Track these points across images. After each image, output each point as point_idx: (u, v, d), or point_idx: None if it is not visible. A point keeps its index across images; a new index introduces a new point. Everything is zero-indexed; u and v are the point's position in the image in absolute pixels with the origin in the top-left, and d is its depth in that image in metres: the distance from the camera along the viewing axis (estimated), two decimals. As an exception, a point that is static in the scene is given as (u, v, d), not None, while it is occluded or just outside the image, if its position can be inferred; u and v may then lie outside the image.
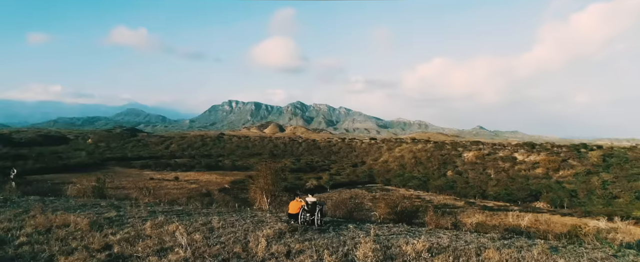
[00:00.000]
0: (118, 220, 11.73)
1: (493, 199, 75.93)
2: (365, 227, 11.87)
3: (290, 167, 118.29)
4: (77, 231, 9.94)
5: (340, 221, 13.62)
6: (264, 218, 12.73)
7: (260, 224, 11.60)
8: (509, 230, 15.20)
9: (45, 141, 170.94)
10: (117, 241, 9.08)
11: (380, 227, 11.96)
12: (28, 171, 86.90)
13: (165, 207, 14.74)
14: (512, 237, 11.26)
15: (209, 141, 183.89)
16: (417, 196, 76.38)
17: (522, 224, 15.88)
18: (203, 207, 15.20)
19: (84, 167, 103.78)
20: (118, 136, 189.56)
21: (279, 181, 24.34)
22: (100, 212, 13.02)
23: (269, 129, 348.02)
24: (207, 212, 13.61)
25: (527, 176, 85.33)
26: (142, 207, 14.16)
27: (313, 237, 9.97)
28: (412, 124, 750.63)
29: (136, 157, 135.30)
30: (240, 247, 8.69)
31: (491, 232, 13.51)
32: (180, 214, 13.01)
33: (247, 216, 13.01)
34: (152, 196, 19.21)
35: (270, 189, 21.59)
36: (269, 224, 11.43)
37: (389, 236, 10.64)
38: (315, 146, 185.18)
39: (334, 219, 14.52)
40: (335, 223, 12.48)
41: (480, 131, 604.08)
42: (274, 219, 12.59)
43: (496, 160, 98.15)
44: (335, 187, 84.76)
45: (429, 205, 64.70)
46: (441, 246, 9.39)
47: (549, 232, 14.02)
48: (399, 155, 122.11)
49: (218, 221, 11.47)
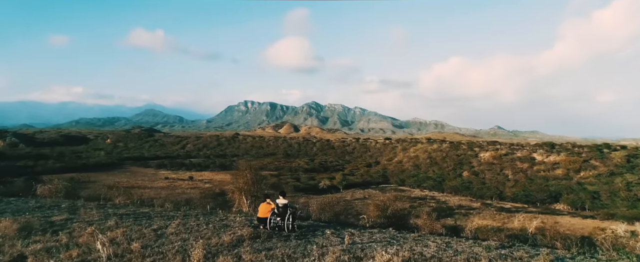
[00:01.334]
0: (62, 224, 10.92)
1: (511, 201, 73.93)
2: (344, 233, 10.88)
3: (304, 167, 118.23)
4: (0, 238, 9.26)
5: (321, 225, 12.65)
6: (231, 222, 11.81)
7: (223, 229, 10.66)
8: (514, 236, 13.84)
9: (67, 141, 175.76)
10: (36, 250, 8.36)
11: (361, 233, 11.01)
12: (48, 170, 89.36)
13: (130, 209, 13.91)
14: (513, 246, 10.18)
15: (224, 141, 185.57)
16: (431, 197, 75.09)
17: (530, 228, 14.34)
18: (173, 210, 14.39)
19: (103, 166, 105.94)
20: (136, 136, 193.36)
21: (260, 181, 22.83)
22: (49, 215, 12.30)
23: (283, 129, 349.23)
24: (172, 216, 12.80)
25: (546, 177, 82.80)
26: (95, 211, 13.23)
27: (275, 245, 9.01)
28: (428, 124, 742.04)
29: (153, 156, 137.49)
30: (179, 259, 7.91)
31: (492, 238, 12.45)
32: (139, 218, 12.16)
33: (214, 220, 12.14)
34: (124, 196, 18.03)
35: (249, 190, 20.29)
36: (232, 230, 10.49)
37: (367, 243, 9.67)
38: (330, 145, 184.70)
39: (316, 223, 13.54)
40: (313, 228, 11.53)
41: (499, 131, 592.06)
42: (242, 223, 11.63)
43: (514, 160, 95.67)
44: (348, 188, 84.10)
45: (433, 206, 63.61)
46: (424, 257, 8.44)
47: (560, 238, 12.70)
48: (413, 155, 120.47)
49: (176, 225, 10.72)
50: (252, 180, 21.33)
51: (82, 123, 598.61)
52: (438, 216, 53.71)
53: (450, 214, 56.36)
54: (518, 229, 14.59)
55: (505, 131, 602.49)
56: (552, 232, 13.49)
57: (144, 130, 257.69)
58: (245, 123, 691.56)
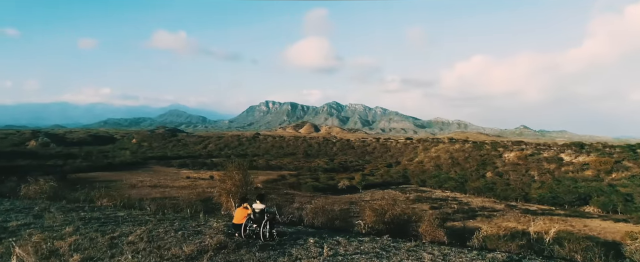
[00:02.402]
0: (14, 231, 10.19)
1: (537, 203, 71.32)
2: (330, 242, 9.95)
3: (323, 167, 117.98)
4: None
5: (309, 231, 11.72)
6: (207, 229, 10.96)
7: (192, 237, 9.79)
8: (528, 245, 12.26)
9: (95, 141, 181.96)
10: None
11: (349, 243, 9.97)
12: (76, 169, 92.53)
13: (105, 213, 13.14)
14: (523, 258, 9.16)
15: (245, 141, 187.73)
16: (453, 198, 73.41)
17: (547, 235, 12.47)
18: (152, 213, 13.54)
19: (127, 165, 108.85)
20: (160, 136, 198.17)
21: (250, 182, 21.36)
22: (9, 219, 11.59)
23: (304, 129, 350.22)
24: (146, 220, 12.03)
25: (575, 178, 79.50)
26: (63, 215, 12.44)
27: (241, 258, 8.15)
28: (450, 123, 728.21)
29: (175, 156, 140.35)
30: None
31: (501, 248, 11.17)
32: (107, 223, 11.44)
33: (190, 226, 11.32)
34: (108, 198, 16.82)
35: (237, 192, 18.88)
36: (201, 238, 9.62)
37: (350, 255, 8.73)
38: (350, 145, 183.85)
39: (305, 229, 12.70)
40: (296, 236, 10.55)
41: (525, 130, 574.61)
42: (217, 230, 10.77)
43: (540, 161, 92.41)
44: (368, 188, 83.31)
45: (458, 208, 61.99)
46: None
47: (581, 249, 11.34)
48: (434, 155, 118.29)
49: (141, 232, 9.88)
50: (242, 181, 19.63)
51: (110, 123, 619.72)
52: (464, 217, 52.69)
53: (472, 215, 54.90)
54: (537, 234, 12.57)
55: (531, 130, 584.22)
56: (573, 240, 11.90)
57: (168, 130, 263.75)
58: (266, 123, 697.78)
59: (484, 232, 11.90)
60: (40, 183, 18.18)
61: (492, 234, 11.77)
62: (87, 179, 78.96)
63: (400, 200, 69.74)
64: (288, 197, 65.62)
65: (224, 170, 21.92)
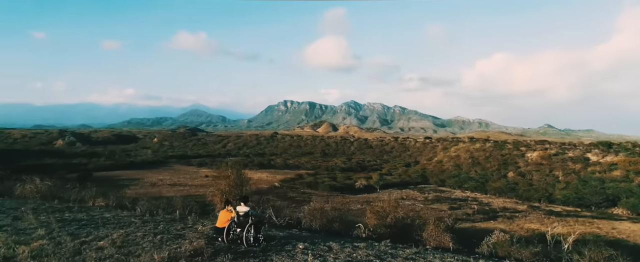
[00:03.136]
0: None
1: (561, 204, 68.95)
2: (321, 247, 9.08)
3: (341, 166, 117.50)
4: None
5: (303, 236, 10.95)
6: (190, 232, 10.23)
7: (169, 242, 9.06)
8: (545, 252, 10.88)
9: (118, 140, 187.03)
10: None
11: (342, 249, 9.08)
12: (99, 168, 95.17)
13: (91, 214, 12.50)
14: None
15: (263, 140, 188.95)
16: (473, 198, 71.83)
17: (566, 242, 10.87)
18: (139, 215, 12.91)
19: (149, 164, 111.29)
20: (180, 136, 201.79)
21: (246, 183, 20.73)
22: None
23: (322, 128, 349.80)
24: (131, 222, 11.43)
25: (602, 179, 76.42)
26: (42, 216, 11.81)
27: None
28: (471, 122, 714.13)
29: (195, 155, 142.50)
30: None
31: (515, 255, 10.11)
32: (86, 225, 10.77)
33: (173, 229, 10.60)
34: (103, 198, 16.20)
35: (231, 193, 18.38)
36: (178, 243, 8.89)
37: None
38: (368, 145, 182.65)
39: (299, 233, 11.87)
40: (285, 240, 9.72)
41: (549, 129, 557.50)
42: (201, 234, 10.06)
43: (565, 161, 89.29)
44: (386, 187, 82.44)
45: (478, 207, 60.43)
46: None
47: (604, 259, 10.20)
48: (454, 155, 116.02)
49: (118, 236, 9.28)
50: (236, 182, 18.86)
51: (133, 123, 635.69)
52: (484, 218, 51.35)
53: (493, 216, 53.55)
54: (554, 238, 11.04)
55: (556, 129, 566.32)
56: (595, 248, 10.42)
57: (188, 129, 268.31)
58: (285, 122, 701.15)
59: (495, 238, 10.91)
60: (36, 182, 17.54)
61: (503, 240, 10.66)
62: (110, 178, 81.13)
63: (419, 200, 68.73)
64: (304, 196, 65.58)
65: (218, 168, 21.10)
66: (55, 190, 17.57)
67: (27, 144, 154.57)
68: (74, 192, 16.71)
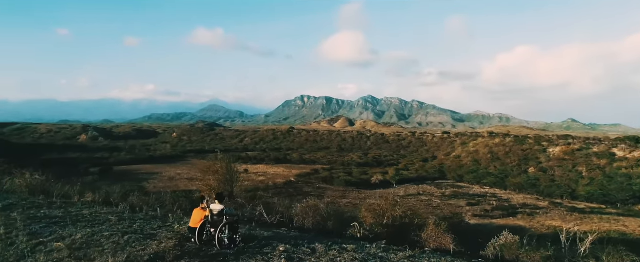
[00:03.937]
0: None
1: (585, 200, 66.82)
2: (304, 250, 8.27)
3: (357, 161, 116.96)
4: None
5: (290, 236, 10.12)
6: (163, 232, 9.44)
7: (136, 243, 8.26)
8: (558, 256, 9.73)
9: (139, 135, 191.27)
10: None
11: (327, 252, 8.22)
12: (120, 162, 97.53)
13: (69, 211, 11.70)
14: None
15: (280, 135, 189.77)
16: (492, 194, 70.29)
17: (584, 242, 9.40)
18: (120, 212, 12.20)
19: (167, 159, 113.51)
20: (198, 130, 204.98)
21: (236, 178, 19.60)
22: None
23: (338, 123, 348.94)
24: (105, 220, 10.61)
25: (629, 175, 73.57)
26: (15, 213, 10.88)
27: None
28: (491, 117, 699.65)
29: (213, 150, 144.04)
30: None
31: (524, 259, 9.22)
32: (57, 223, 9.88)
33: (146, 228, 9.80)
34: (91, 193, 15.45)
35: (220, 188, 17.50)
36: (144, 245, 8.12)
37: None
38: (384, 140, 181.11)
39: (289, 233, 11.07)
40: (267, 241, 8.83)
41: (573, 124, 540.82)
42: (174, 234, 9.21)
43: (589, 156, 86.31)
44: (402, 183, 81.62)
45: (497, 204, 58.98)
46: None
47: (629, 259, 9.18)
48: (473, 150, 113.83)
49: (81, 236, 8.52)
50: (225, 177, 17.90)
51: (154, 118, 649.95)
52: (503, 214, 50.12)
53: (513, 213, 52.31)
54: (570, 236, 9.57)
55: (580, 124, 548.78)
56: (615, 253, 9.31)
57: (207, 124, 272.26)
58: (301, 118, 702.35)
59: (502, 239, 10.04)
60: (26, 176, 16.56)
61: (511, 242, 9.80)
62: (130, 172, 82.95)
63: (436, 196, 67.70)
64: (320, 191, 65.52)
65: (208, 161, 20.10)
66: (47, 185, 16.47)
67: (53, 138, 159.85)
68: (57, 187, 15.82)
